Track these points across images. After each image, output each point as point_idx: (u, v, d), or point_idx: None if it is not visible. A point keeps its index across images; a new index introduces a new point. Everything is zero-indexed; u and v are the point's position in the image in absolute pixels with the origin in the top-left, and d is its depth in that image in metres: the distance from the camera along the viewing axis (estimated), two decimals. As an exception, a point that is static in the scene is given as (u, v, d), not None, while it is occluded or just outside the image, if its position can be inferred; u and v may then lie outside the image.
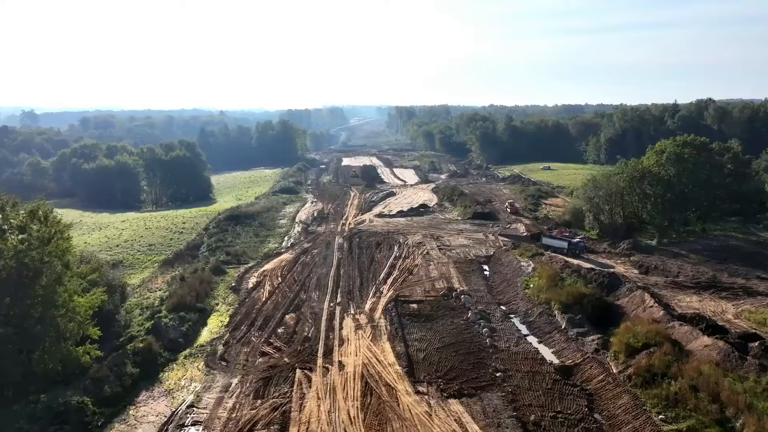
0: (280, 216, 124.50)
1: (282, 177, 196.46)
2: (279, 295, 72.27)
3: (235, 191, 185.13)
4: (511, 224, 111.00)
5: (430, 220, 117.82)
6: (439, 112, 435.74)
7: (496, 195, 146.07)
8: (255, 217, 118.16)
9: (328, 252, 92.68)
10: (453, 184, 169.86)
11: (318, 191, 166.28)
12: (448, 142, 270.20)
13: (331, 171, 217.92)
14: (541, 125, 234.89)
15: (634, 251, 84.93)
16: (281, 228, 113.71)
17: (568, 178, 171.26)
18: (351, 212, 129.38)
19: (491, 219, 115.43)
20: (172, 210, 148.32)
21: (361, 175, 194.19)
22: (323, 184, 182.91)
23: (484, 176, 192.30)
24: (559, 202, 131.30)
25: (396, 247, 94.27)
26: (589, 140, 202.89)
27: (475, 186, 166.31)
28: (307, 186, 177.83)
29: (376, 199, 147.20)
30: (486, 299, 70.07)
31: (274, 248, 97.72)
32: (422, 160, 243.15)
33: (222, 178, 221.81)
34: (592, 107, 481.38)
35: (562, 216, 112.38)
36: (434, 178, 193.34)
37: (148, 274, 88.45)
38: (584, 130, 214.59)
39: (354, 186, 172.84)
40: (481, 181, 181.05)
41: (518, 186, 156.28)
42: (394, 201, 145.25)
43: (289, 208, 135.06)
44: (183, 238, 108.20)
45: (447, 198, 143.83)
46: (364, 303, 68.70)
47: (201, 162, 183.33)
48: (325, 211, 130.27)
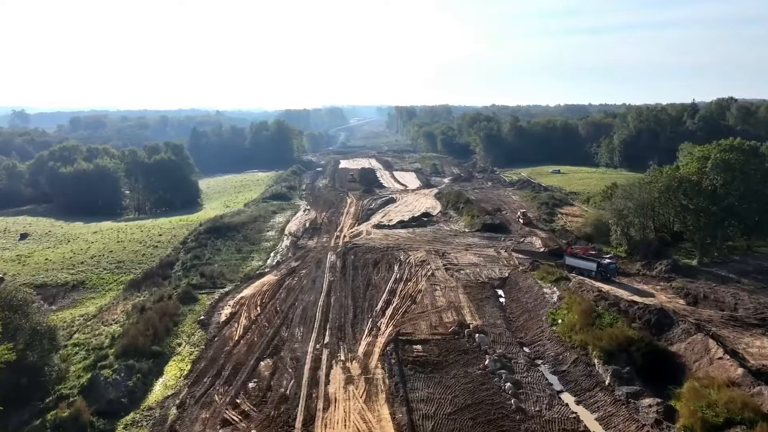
0: (267, 227, 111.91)
1: (275, 181, 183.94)
2: (255, 332, 59.80)
3: (224, 197, 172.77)
4: (525, 237, 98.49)
5: (434, 233, 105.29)
6: (440, 113, 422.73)
7: (505, 202, 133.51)
8: (239, 229, 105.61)
9: (318, 273, 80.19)
10: (457, 190, 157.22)
11: (312, 197, 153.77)
12: (451, 143, 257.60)
13: (327, 174, 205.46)
14: (549, 126, 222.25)
15: (673, 274, 72.43)
16: (268, 242, 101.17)
17: (581, 182, 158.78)
18: (347, 222, 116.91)
19: (502, 231, 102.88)
20: (152, 219, 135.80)
21: (359, 179, 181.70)
22: (318, 189, 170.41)
23: (489, 180, 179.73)
24: (575, 210, 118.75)
25: (396, 267, 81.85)
26: (601, 142, 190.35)
27: (481, 191, 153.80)
28: (300, 191, 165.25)
29: (374, 207, 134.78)
30: (505, 338, 57.62)
31: (257, 267, 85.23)
32: (423, 163, 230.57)
33: (213, 181, 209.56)
34: (596, 107, 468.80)
35: (581, 228, 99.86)
36: (437, 182, 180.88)
37: (110, 298, 76.13)
38: (595, 131, 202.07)
39: (351, 191, 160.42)
40: (487, 185, 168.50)
41: (528, 192, 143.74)
42: (394, 209, 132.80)
43: (279, 217, 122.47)
44: (157, 254, 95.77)
45: (452, 205, 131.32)
46: (358, 344, 56.26)
47: (188, 165, 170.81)
48: (318, 221, 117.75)
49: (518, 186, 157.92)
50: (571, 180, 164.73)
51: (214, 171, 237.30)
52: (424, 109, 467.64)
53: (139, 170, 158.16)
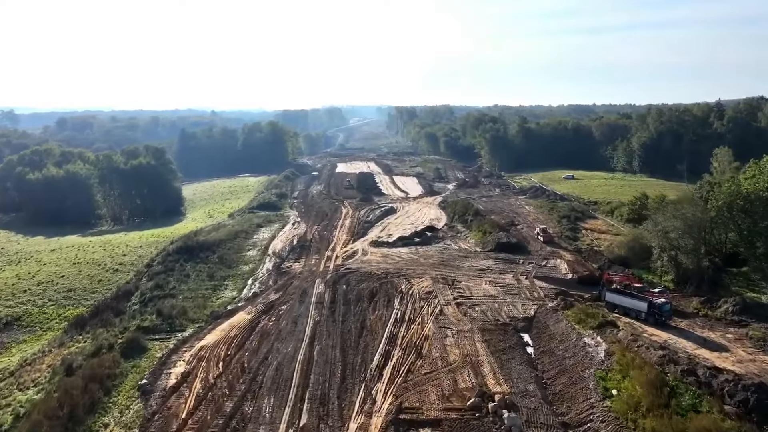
0: (249, 245, 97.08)
1: (265, 187, 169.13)
2: (211, 404, 45.05)
3: (210, 205, 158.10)
4: (548, 260, 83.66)
5: (440, 253, 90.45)
6: (442, 113, 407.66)
7: (518, 214, 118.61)
8: (215, 249, 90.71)
9: (301, 310, 65.44)
10: (463, 198, 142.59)
11: (304, 207, 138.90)
12: (454, 145, 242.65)
13: (323, 179, 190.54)
14: (559, 127, 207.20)
15: (744, 316, 57.65)
16: (247, 264, 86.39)
17: (599, 190, 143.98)
18: (340, 238, 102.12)
19: (520, 252, 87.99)
20: (123, 233, 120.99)
21: (356, 186, 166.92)
22: (312, 196, 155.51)
23: (497, 186, 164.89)
24: (600, 225, 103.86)
25: (397, 301, 67.16)
26: (617, 145, 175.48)
27: (490, 200, 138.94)
28: (292, 199, 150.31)
29: (372, 219, 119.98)
30: (542, 415, 42.87)
31: (228, 301, 70.54)
32: (425, 167, 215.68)
33: (200, 187, 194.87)
34: (600, 107, 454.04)
35: (613, 249, 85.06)
36: (440, 189, 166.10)
37: (44, 343, 61.52)
38: (609, 133, 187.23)
39: (347, 199, 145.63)
40: (495, 192, 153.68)
41: (543, 201, 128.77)
42: (394, 221, 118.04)
43: (264, 232, 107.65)
44: (116, 280, 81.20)
45: (459, 217, 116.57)
46: (345, 428, 41.48)
47: (170, 171, 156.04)
48: (307, 237, 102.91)
49: (530, 194, 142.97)
50: (588, 187, 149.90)
51: (203, 175, 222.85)
52: (424, 109, 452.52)
53: (114, 177, 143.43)
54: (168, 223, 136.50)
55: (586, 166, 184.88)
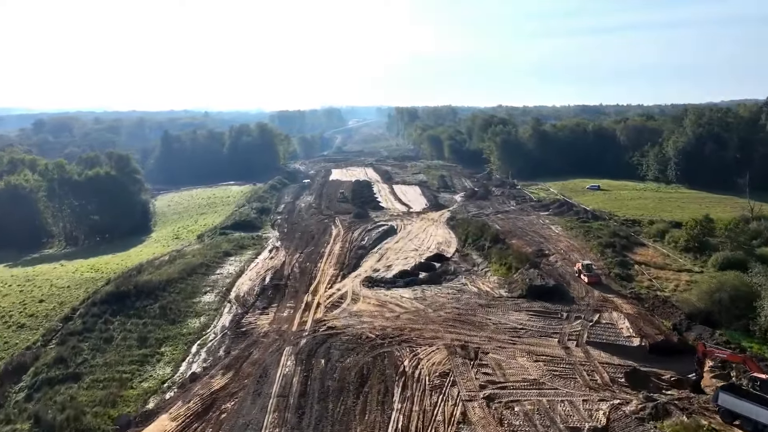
0: (207, 285, 75.11)
1: (247, 199, 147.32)
2: None
3: (182, 220, 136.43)
4: (600, 313, 61.63)
5: (454, 297, 68.50)
6: (445, 114, 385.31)
7: (544, 237, 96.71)
8: (160, 294, 68.73)
9: (254, 412, 43.51)
10: (475, 213, 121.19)
11: (288, 225, 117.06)
12: (459, 149, 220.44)
13: (314, 189, 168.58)
14: (578, 130, 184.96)
15: None
16: (198, 317, 64.56)
17: (634, 205, 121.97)
18: (326, 273, 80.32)
19: (560, 299, 65.91)
20: (64, 261, 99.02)
21: (351, 198, 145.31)
22: (299, 211, 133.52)
23: (512, 198, 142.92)
24: (653, 256, 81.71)
25: (397, 391, 45.41)
26: (647, 150, 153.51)
27: (507, 217, 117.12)
28: (275, 215, 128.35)
29: (367, 242, 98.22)
30: None
31: (155, 386, 48.77)
32: (429, 174, 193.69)
33: (178, 197, 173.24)
34: (612, 108, 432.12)
35: (686, 297, 63.24)
36: (446, 201, 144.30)
37: None
38: (636, 137, 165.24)
39: (340, 215, 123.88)
40: (510, 206, 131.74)
41: (572, 220, 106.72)
42: (394, 245, 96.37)
43: (232, 264, 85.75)
44: (14, 344, 59.36)
45: (473, 242, 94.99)
46: None
47: (134, 182, 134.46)
48: (285, 272, 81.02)
49: (554, 209, 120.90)
50: (619, 201, 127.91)
51: (185, 182, 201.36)
52: (426, 110, 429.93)
53: (67, 190, 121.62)
54: (128, 244, 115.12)
55: (610, 174, 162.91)
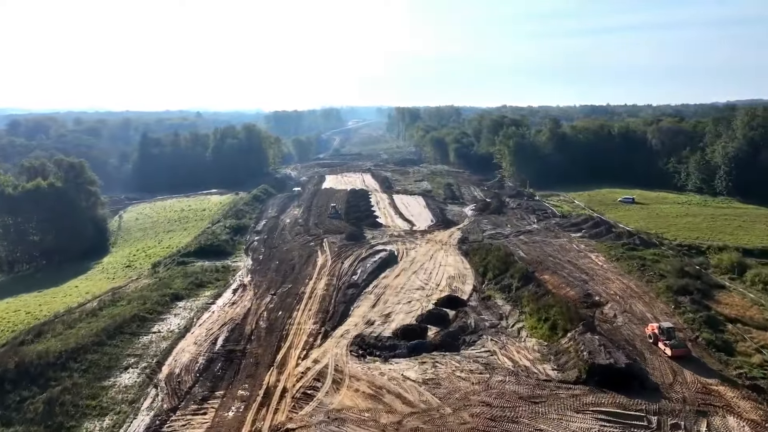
0: (133, 354, 53.49)
1: (224, 213, 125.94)
2: None
3: (145, 239, 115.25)
4: (707, 417, 40.25)
5: (481, 381, 46.88)
6: (448, 114, 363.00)
7: (585, 271, 75.22)
8: (56, 376, 47.26)
9: None
10: (491, 235, 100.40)
11: (266, 249, 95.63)
12: (467, 154, 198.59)
13: (303, 199, 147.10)
14: (602, 133, 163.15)
15: None
16: (101, 418, 43.04)
17: (682, 223, 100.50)
18: (302, 329, 59.01)
19: (638, 388, 44.44)
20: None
21: (344, 212, 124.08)
22: (281, 230, 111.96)
23: (531, 212, 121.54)
24: (743, 305, 60.17)
25: None
26: (686, 156, 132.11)
27: (531, 239, 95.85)
28: (252, 235, 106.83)
29: (360, 278, 76.85)
30: None
31: None
32: (433, 181, 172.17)
33: (149, 208, 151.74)
34: (621, 108, 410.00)
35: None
36: (455, 215, 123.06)
37: None
38: (670, 141, 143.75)
39: (330, 235, 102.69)
40: (533, 224, 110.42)
41: (616, 246, 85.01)
42: (394, 283, 75.00)
43: (177, 315, 64.10)
44: None
45: (494, 277, 73.97)
46: None
47: (88, 195, 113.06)
48: (247, 328, 59.60)
49: (588, 230, 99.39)
50: (662, 217, 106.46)
51: (162, 190, 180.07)
52: (428, 110, 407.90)
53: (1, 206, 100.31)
54: (71, 272, 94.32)
55: (640, 183, 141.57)
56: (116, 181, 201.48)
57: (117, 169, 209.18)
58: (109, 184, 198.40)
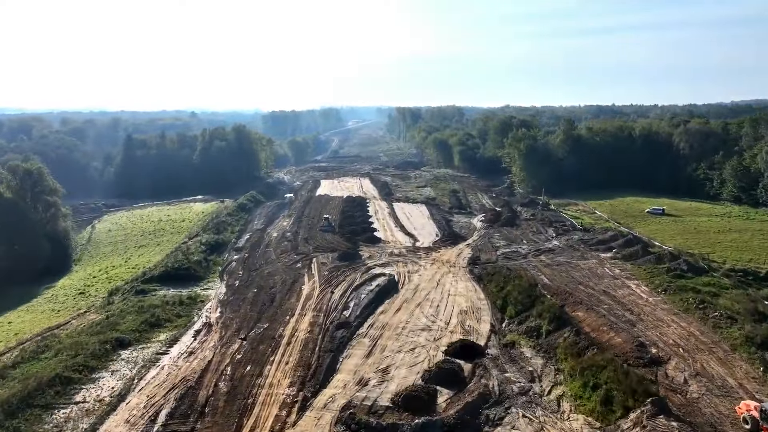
0: None
1: (204, 226, 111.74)
2: None
3: (112, 256, 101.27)
4: None
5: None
6: (450, 115, 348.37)
7: (628, 306, 60.96)
8: None
9: None
10: (506, 254, 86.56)
11: (244, 272, 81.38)
12: (472, 157, 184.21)
13: (295, 209, 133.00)
14: (622, 135, 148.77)
15: None
16: None
17: (728, 240, 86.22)
18: (274, 395, 44.84)
19: None
20: None
21: (339, 226, 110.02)
22: (267, 245, 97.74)
23: (548, 224, 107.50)
24: None
25: None
26: (721, 162, 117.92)
27: (553, 260, 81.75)
28: (231, 253, 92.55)
29: (352, 313, 62.78)
30: None
31: None
32: (437, 187, 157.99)
33: (125, 218, 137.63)
34: (628, 108, 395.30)
35: None
36: (463, 228, 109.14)
37: None
38: (700, 144, 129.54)
39: (321, 253, 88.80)
40: (550, 238, 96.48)
41: (658, 272, 70.81)
42: (393, 321, 60.85)
43: (114, 373, 49.64)
44: None
45: (516, 314, 60.03)
46: None
47: (47, 206, 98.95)
48: (202, 394, 45.37)
49: (619, 248, 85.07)
50: (701, 233, 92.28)
51: (145, 196, 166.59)
52: (429, 110, 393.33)
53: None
54: (18, 298, 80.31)
55: (666, 190, 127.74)
56: (98, 186, 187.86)
57: (99, 173, 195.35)
58: (90, 190, 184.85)
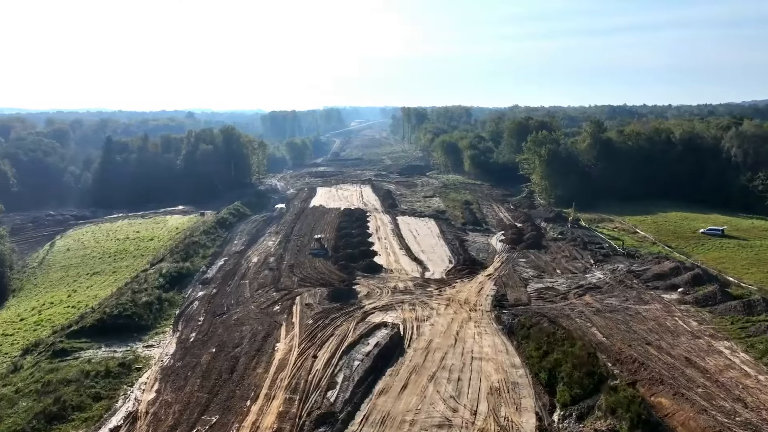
0: None
1: (172, 248, 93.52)
2: None
3: (64, 284, 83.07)
4: None
5: None
6: (458, 115, 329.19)
7: (728, 386, 42.62)
8: None
9: None
10: (539, 291, 68.42)
11: (206, 319, 62.89)
12: (485, 162, 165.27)
13: (284, 223, 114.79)
14: (657, 139, 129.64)
15: None
16: None
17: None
18: None
19: None
20: None
21: (332, 248, 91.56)
22: (242, 276, 79.15)
23: (582, 247, 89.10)
24: None
25: None
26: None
27: (600, 301, 63.36)
28: (195, 291, 73.97)
29: (339, 398, 44.74)
30: None
31: None
32: (447, 197, 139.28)
33: (90, 233, 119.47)
34: (644, 108, 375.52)
35: None
36: (480, 250, 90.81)
37: None
38: (755, 150, 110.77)
39: (307, 288, 70.67)
40: (589, 265, 78.14)
41: (756, 333, 52.51)
42: (398, 408, 42.82)
43: None
44: None
45: (572, 401, 41.71)
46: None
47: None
48: None
49: (686, 287, 66.37)
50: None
51: (121, 206, 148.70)
52: (436, 110, 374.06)
53: None
54: None
55: (715, 204, 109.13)
56: (73, 194, 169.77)
57: (76, 179, 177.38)
58: (64, 197, 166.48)
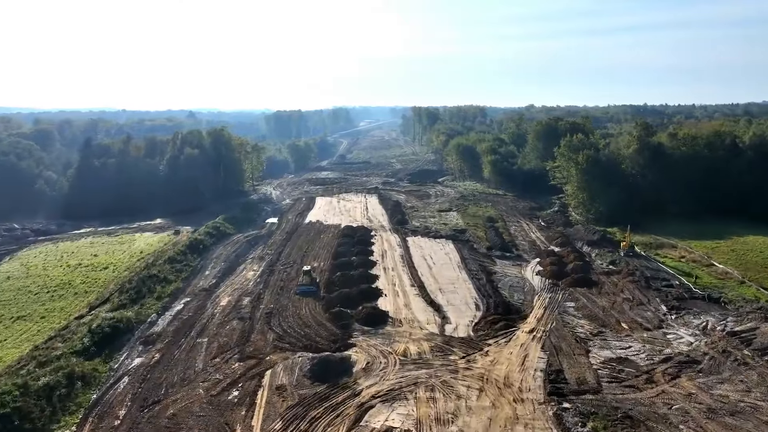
0: None
1: (124, 283, 73.46)
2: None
3: None
4: None
5: None
6: (472, 115, 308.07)
7: None
8: None
9: None
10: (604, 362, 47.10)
11: (130, 407, 42.69)
12: (508, 169, 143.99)
13: (273, 243, 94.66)
14: (719, 144, 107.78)
15: None
16: None
17: None
18: None
19: None
20: None
21: (326, 282, 71.29)
22: (202, 328, 59.06)
23: (646, 285, 68.31)
24: None
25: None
26: None
27: (706, 391, 42.50)
28: (131, 356, 53.83)
29: None
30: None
31: None
32: (466, 213, 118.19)
33: (44, 253, 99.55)
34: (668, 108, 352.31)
35: None
36: (514, 288, 70.21)
37: None
38: None
39: (284, 349, 50.48)
40: (664, 319, 57.45)
41: None
42: None
43: None
44: None
45: None
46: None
47: None
48: None
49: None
50: None
51: (95, 217, 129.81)
52: (449, 110, 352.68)
53: None
54: None
55: None
56: (46, 203, 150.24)
57: (51, 186, 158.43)
58: (35, 207, 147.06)
